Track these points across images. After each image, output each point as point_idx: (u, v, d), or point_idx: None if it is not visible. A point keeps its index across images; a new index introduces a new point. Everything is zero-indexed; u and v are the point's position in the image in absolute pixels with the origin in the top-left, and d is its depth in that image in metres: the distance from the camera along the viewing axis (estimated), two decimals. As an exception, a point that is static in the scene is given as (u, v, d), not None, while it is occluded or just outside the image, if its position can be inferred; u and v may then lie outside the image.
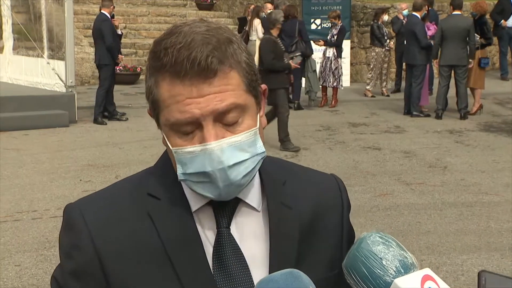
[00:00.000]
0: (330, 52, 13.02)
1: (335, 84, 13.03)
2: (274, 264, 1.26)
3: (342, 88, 13.33)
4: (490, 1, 16.06)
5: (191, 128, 1.20)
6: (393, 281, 1.13)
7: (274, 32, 9.47)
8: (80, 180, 7.55)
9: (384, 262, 1.15)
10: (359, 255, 1.17)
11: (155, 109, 1.25)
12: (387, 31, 14.10)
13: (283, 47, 9.59)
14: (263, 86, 1.31)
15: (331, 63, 13.00)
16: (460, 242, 5.71)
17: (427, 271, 1.15)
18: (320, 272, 1.16)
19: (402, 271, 1.15)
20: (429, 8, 12.74)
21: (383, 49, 14.12)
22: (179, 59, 1.17)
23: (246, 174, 1.22)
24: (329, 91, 13.20)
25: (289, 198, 1.33)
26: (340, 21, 13.18)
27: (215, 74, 1.18)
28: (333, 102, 13.06)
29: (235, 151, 1.20)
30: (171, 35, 1.20)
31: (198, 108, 1.18)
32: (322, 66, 13.14)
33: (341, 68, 13.20)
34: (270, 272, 1.24)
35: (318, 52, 13.30)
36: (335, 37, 12.98)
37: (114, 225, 1.26)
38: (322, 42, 13.05)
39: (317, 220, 1.35)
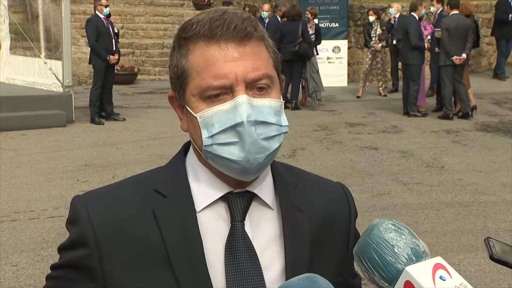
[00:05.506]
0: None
1: None
2: (291, 266, 1.27)
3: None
4: (476, 2, 16.12)
5: (223, 94, 1.22)
6: (404, 268, 1.13)
7: None
8: (77, 180, 7.53)
9: (395, 250, 1.15)
10: (371, 241, 1.17)
11: (182, 81, 1.26)
12: (378, 32, 13.96)
13: None
14: (282, 76, 1.34)
15: None
16: (457, 242, 5.71)
17: (439, 259, 1.15)
18: (328, 277, 1.16)
19: (414, 259, 1.15)
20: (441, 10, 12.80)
21: (370, 50, 14.10)
22: (214, 25, 1.21)
23: (270, 139, 1.23)
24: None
25: (300, 202, 1.35)
26: (314, 20, 13.16)
27: (250, 37, 1.23)
28: (303, 100, 13.07)
29: (263, 111, 1.23)
30: (200, 13, 1.26)
31: (233, 72, 1.20)
32: None
33: (317, 64, 13.26)
34: (286, 273, 1.26)
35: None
36: (313, 36, 12.99)
37: (117, 222, 1.28)
38: None
39: (326, 227, 1.37)
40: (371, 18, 13.98)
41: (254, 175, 1.26)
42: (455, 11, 11.51)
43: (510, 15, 15.39)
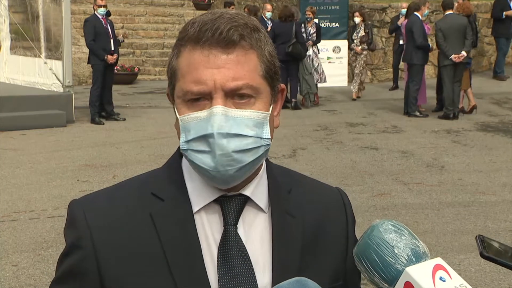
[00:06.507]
0: (310, 50, 12.97)
1: (319, 81, 13.04)
2: (277, 271, 1.26)
3: (326, 82, 13.29)
4: (476, 1, 16.11)
5: (203, 99, 1.22)
6: (404, 269, 1.14)
7: None
8: (78, 180, 7.54)
9: (395, 250, 1.15)
10: (371, 242, 1.17)
11: (172, 81, 1.26)
12: (360, 34, 13.79)
13: None
14: (282, 85, 1.32)
15: (312, 61, 12.98)
16: (458, 241, 5.71)
17: (439, 260, 1.16)
18: (323, 282, 1.15)
19: (414, 259, 1.15)
20: None
21: (352, 52, 14.07)
22: (203, 29, 1.20)
23: (244, 152, 1.21)
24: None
25: (293, 207, 1.34)
26: (313, 19, 13.15)
27: (234, 45, 1.21)
28: (316, 100, 13.06)
29: (240, 124, 1.21)
30: (203, 14, 1.25)
31: (212, 79, 1.19)
32: None
33: (321, 64, 13.19)
34: (272, 278, 1.26)
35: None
36: (314, 35, 12.95)
37: (115, 226, 1.27)
38: (310, 43, 12.94)
39: (320, 232, 1.35)
40: (357, 19, 13.80)
41: (227, 185, 1.24)
42: (450, 11, 11.57)
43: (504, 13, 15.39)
